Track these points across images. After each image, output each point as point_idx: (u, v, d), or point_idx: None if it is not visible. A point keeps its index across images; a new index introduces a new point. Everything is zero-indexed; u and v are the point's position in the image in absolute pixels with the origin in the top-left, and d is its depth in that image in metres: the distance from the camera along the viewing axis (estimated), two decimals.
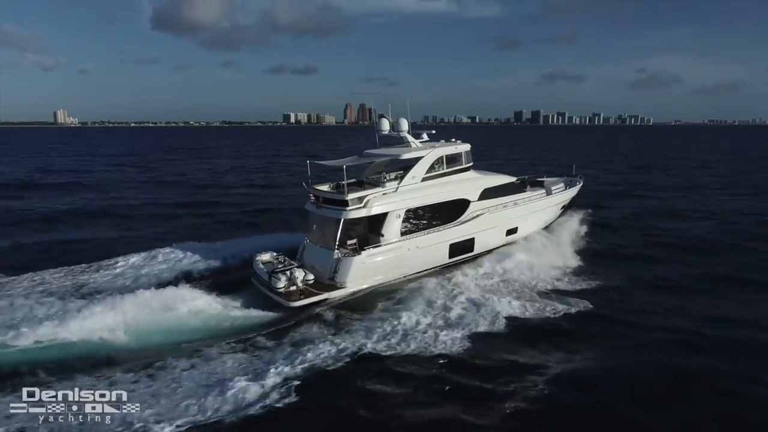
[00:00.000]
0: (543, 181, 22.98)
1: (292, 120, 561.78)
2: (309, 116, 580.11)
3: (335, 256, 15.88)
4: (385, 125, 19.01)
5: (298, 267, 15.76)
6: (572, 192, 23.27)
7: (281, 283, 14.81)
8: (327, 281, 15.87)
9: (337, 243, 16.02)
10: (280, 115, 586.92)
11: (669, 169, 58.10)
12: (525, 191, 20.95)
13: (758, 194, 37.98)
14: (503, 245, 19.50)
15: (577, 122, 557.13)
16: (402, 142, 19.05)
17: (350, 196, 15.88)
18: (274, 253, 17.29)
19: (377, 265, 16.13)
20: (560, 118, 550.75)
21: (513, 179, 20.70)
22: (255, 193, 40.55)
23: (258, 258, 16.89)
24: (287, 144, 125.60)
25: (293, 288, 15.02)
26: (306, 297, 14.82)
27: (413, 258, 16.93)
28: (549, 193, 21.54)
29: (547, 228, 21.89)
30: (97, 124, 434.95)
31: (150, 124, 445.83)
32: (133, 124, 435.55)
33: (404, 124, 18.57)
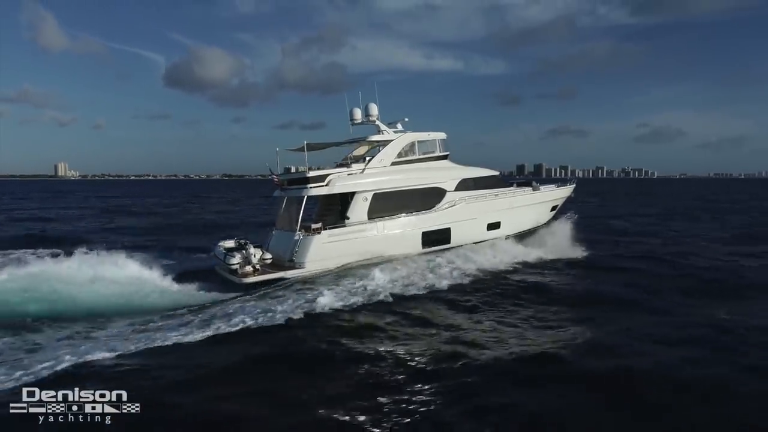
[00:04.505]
0: (532, 181, 21.50)
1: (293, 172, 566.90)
2: (309, 168, 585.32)
3: (295, 237, 14.78)
4: (357, 114, 18.39)
5: (256, 247, 14.61)
6: (563, 191, 21.69)
7: (235, 260, 13.87)
8: (287, 263, 14.71)
9: (299, 223, 15.04)
10: (281, 168, 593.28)
11: None
12: (510, 188, 19.86)
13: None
14: (485, 240, 18.17)
15: (581, 175, 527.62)
16: (376, 131, 18.32)
17: (311, 174, 15.40)
18: (237, 238, 16.23)
19: (339, 247, 15.08)
20: (563, 171, 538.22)
21: (495, 173, 19.65)
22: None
23: (220, 243, 15.91)
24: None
25: (248, 267, 13.87)
26: (261, 275, 13.70)
27: (381, 243, 15.82)
28: (537, 190, 20.36)
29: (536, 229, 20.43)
30: (97, 177, 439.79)
31: (150, 177, 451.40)
32: (132, 177, 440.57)
33: (374, 109, 17.96)
